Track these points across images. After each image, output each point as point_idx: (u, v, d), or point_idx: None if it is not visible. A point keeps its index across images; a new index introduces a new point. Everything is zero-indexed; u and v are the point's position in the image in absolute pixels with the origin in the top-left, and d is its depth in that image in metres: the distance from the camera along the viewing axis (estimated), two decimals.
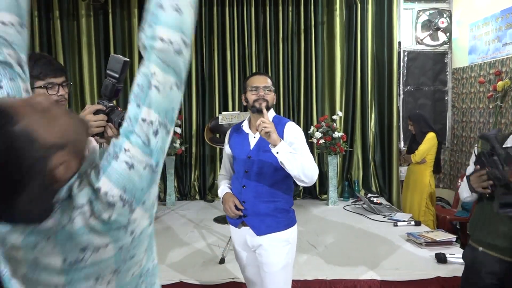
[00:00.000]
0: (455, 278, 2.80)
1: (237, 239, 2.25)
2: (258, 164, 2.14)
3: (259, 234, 2.12)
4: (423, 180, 4.27)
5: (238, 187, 2.19)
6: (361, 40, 5.33)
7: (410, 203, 4.39)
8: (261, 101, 2.13)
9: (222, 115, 3.74)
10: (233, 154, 2.28)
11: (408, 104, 5.42)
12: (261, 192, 2.13)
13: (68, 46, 5.22)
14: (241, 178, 2.18)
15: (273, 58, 5.35)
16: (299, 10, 5.30)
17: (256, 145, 2.17)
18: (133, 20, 5.23)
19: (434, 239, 3.39)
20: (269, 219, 2.12)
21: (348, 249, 3.42)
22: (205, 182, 5.43)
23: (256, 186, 2.14)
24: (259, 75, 2.23)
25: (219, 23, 5.29)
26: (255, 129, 2.12)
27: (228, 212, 2.16)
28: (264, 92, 2.15)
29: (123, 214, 0.85)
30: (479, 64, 4.76)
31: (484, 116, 4.69)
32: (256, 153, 2.16)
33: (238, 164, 2.22)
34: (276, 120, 2.18)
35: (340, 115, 5.10)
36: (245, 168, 2.16)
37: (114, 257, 0.88)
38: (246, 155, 2.18)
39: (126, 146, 0.85)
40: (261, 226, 2.12)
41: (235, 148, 2.25)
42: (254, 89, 2.15)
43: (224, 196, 2.21)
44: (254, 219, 2.14)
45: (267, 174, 2.14)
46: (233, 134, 2.31)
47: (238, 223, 2.20)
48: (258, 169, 2.14)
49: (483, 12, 4.66)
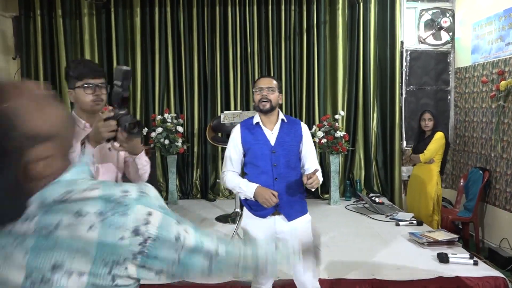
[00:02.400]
0: (457, 278, 2.80)
1: (263, 229, 2.35)
2: (284, 157, 2.37)
3: (290, 219, 2.35)
4: (431, 180, 4.20)
5: (267, 180, 2.35)
6: (364, 39, 5.32)
7: (418, 203, 4.33)
8: (264, 102, 2.36)
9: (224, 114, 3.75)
10: (252, 150, 2.40)
11: (411, 103, 5.41)
12: (291, 182, 2.36)
13: (71, 45, 5.23)
14: (269, 171, 2.35)
15: (276, 58, 5.34)
16: (301, 10, 5.30)
17: (277, 140, 2.39)
18: (136, 19, 5.23)
19: (436, 239, 3.39)
20: (297, 205, 2.39)
21: (350, 249, 3.42)
22: (207, 181, 5.43)
23: (287, 177, 2.36)
24: (264, 78, 2.47)
25: (222, 23, 5.29)
26: (271, 125, 2.41)
27: (268, 203, 2.27)
28: (267, 92, 2.37)
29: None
30: (482, 64, 4.75)
31: (486, 116, 4.68)
32: (280, 147, 2.38)
33: (261, 159, 2.37)
34: (291, 120, 2.49)
35: (342, 115, 5.10)
36: (273, 162, 2.36)
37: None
38: (269, 150, 2.37)
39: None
40: (291, 212, 2.36)
41: (254, 145, 2.39)
42: (259, 90, 2.39)
43: (258, 190, 2.30)
44: (286, 207, 2.35)
45: (293, 165, 2.40)
46: (245, 131, 2.43)
47: (269, 213, 2.35)
48: (286, 162, 2.37)
49: (486, 12, 4.65)
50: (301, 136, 2.45)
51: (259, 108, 2.39)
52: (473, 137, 4.99)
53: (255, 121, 2.43)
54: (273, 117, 2.43)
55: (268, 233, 2.36)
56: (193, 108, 5.38)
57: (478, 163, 4.84)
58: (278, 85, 2.44)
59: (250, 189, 2.33)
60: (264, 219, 2.36)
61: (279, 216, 2.35)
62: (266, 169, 2.35)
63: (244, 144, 2.42)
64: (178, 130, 5.03)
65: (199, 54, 5.31)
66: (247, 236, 2.42)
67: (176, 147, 4.96)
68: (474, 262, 3.01)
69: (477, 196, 4.44)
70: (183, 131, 5.19)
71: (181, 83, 5.37)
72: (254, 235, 2.39)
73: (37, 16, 5.14)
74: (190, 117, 5.40)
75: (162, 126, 4.94)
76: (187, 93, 5.38)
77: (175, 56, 5.33)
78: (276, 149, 2.37)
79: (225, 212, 4.59)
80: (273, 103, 2.39)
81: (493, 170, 4.51)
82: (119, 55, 5.24)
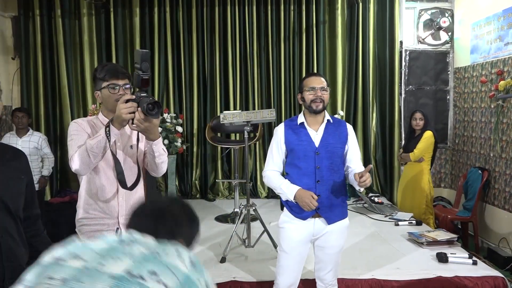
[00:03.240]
0: (456, 278, 2.81)
1: (301, 231, 2.35)
2: (328, 160, 2.32)
3: (330, 223, 2.34)
4: (423, 178, 4.25)
5: (309, 182, 2.31)
6: (363, 39, 5.32)
7: (410, 202, 4.37)
8: (318, 102, 2.30)
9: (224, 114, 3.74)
10: (295, 151, 2.35)
11: (410, 103, 5.41)
12: (334, 185, 2.32)
13: (70, 45, 5.22)
14: (312, 173, 2.31)
15: (275, 58, 5.35)
16: (300, 9, 5.30)
17: (321, 141, 2.34)
18: (135, 19, 5.23)
19: (435, 238, 3.39)
20: (338, 209, 2.36)
21: (349, 249, 3.41)
22: (206, 181, 5.43)
23: (329, 180, 2.32)
24: (316, 76, 2.42)
25: (221, 23, 5.29)
26: (316, 126, 2.36)
27: (308, 207, 2.23)
28: (321, 92, 2.32)
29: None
30: (481, 64, 4.75)
31: (485, 116, 4.69)
32: (324, 149, 2.33)
33: (304, 160, 2.32)
34: (336, 121, 2.43)
35: (341, 114, 5.10)
36: (316, 164, 2.31)
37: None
38: (313, 151, 2.32)
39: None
40: (332, 216, 2.33)
41: (298, 145, 2.34)
42: (312, 89, 2.32)
43: (299, 192, 2.27)
44: (326, 210, 2.32)
45: (337, 168, 2.35)
46: (289, 131, 2.38)
47: (310, 215, 2.32)
48: (329, 165, 2.33)
49: (485, 12, 4.65)
50: (346, 138, 2.39)
51: (312, 108, 2.32)
52: (472, 137, 4.99)
53: (299, 121, 2.38)
54: (319, 118, 2.37)
55: (305, 235, 2.35)
56: (192, 108, 5.38)
57: (477, 162, 4.85)
58: (327, 83, 2.38)
59: (291, 191, 2.29)
60: (304, 221, 2.33)
61: (319, 219, 2.33)
62: (309, 171, 2.31)
63: (287, 143, 2.38)
64: (178, 130, 5.03)
65: (199, 54, 5.31)
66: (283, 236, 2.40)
67: (176, 147, 4.96)
68: (473, 262, 3.02)
69: (476, 196, 4.44)
70: (183, 131, 5.19)
71: (180, 83, 5.36)
72: (289, 235, 2.37)
73: (36, 16, 5.13)
74: (189, 117, 5.40)
75: (161, 126, 4.94)
76: (186, 93, 5.38)
77: (175, 56, 5.33)
78: (320, 151, 2.32)
79: (225, 212, 4.59)
80: (325, 104, 2.34)
81: (492, 169, 4.52)
82: (118, 55, 5.24)
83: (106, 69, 1.88)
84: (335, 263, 2.43)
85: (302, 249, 2.38)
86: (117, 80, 1.86)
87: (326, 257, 2.39)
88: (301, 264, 2.43)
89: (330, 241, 2.35)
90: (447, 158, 5.51)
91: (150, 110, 1.62)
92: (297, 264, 2.40)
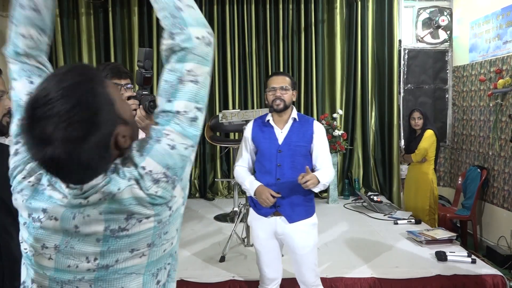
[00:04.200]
0: (455, 276, 2.81)
1: (264, 228, 2.37)
2: (290, 158, 2.31)
3: (291, 222, 2.31)
4: (426, 178, 4.22)
5: (270, 180, 2.32)
6: (362, 38, 5.32)
7: (414, 203, 4.34)
8: (278, 102, 2.32)
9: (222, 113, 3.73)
10: (260, 149, 2.39)
11: (409, 102, 5.42)
12: (295, 184, 2.26)
13: (68, 44, 5.22)
14: (273, 171, 2.32)
15: (274, 56, 5.34)
16: (299, 8, 5.30)
17: (284, 140, 2.34)
18: (133, 18, 5.22)
19: (434, 237, 3.39)
20: (300, 208, 2.33)
21: (348, 248, 3.42)
22: (206, 180, 5.43)
23: (291, 179, 2.29)
24: (277, 76, 2.41)
25: (219, 22, 5.28)
26: (281, 124, 2.37)
27: (265, 203, 2.25)
28: (280, 92, 2.32)
29: (167, 190, 0.94)
30: (480, 62, 4.75)
31: (484, 114, 4.69)
32: (287, 148, 2.32)
33: (267, 158, 2.34)
34: (303, 119, 2.41)
35: (340, 113, 5.10)
36: (277, 162, 2.31)
37: (152, 230, 0.94)
38: (276, 149, 2.33)
39: (167, 132, 0.95)
40: (293, 215, 2.31)
41: (262, 143, 2.37)
42: (272, 90, 2.35)
43: (258, 189, 2.29)
44: (287, 208, 2.31)
45: (300, 167, 2.29)
46: (256, 128, 2.42)
47: (269, 213, 2.33)
48: (291, 163, 2.31)
49: (483, 10, 4.65)
50: (312, 137, 2.36)
51: (273, 108, 2.35)
52: (471, 136, 5.00)
53: (267, 118, 2.41)
54: (285, 116, 2.37)
55: (269, 232, 2.36)
56: None
57: (476, 161, 4.85)
58: (291, 82, 2.38)
59: (253, 188, 2.32)
60: (265, 218, 2.35)
61: (279, 217, 2.32)
62: (270, 168, 2.33)
63: (253, 141, 2.42)
64: None
65: None
66: (252, 234, 2.44)
67: None
68: (472, 260, 3.02)
69: (475, 195, 4.45)
70: None
71: None
72: (256, 233, 2.41)
73: None
74: None
75: None
76: None
77: None
78: (282, 149, 2.32)
79: (224, 211, 4.59)
80: (286, 103, 2.34)
81: (491, 168, 4.52)
82: (116, 54, 5.23)
83: (109, 69, 1.89)
84: (310, 264, 2.38)
85: (272, 245, 2.39)
86: (119, 80, 1.88)
87: (297, 258, 2.37)
88: (277, 260, 2.43)
89: (296, 241, 2.32)
90: (446, 156, 5.52)
91: (152, 108, 1.63)
92: (272, 260, 2.41)
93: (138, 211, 0.91)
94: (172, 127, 0.96)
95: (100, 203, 0.90)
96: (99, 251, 0.92)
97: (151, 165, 0.92)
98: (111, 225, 0.91)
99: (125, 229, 0.91)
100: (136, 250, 0.93)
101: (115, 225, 0.91)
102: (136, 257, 0.94)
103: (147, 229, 0.93)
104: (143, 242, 0.94)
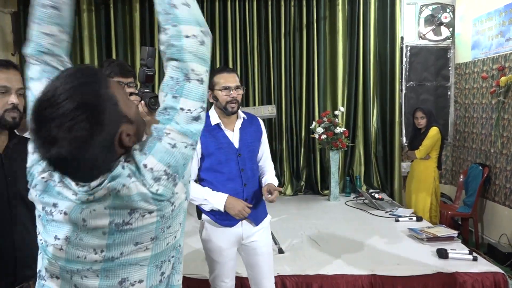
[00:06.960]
0: (456, 274, 2.81)
1: (227, 238, 2.19)
2: (250, 160, 2.20)
3: (257, 224, 2.22)
4: (429, 176, 4.21)
5: (236, 187, 2.14)
6: (364, 35, 5.30)
7: (415, 200, 4.34)
8: (234, 104, 2.11)
9: None
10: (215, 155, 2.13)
11: (411, 99, 5.40)
12: (258, 186, 2.21)
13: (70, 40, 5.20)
14: (237, 177, 2.14)
15: (275, 53, 5.33)
16: (301, 5, 5.28)
17: (240, 141, 2.17)
18: (135, 15, 5.21)
19: (435, 234, 3.39)
20: (261, 207, 2.26)
21: (350, 245, 3.42)
22: None
23: (254, 181, 2.22)
24: (229, 73, 2.14)
25: (221, 18, 5.26)
26: (231, 125, 2.18)
27: (241, 215, 2.10)
28: (236, 92, 2.11)
29: (168, 187, 0.97)
30: (482, 60, 4.74)
31: (486, 112, 4.68)
32: (246, 150, 2.17)
33: (227, 164, 2.13)
34: (249, 116, 2.26)
35: (342, 111, 5.09)
36: (240, 167, 2.15)
37: (155, 224, 0.98)
38: (235, 153, 2.14)
39: (167, 130, 0.98)
40: (258, 216, 2.23)
41: (218, 149, 2.12)
42: (226, 89, 2.10)
43: (229, 201, 2.09)
44: (253, 211, 2.18)
45: (256, 167, 2.25)
46: (205, 134, 2.10)
47: (239, 221, 2.17)
48: (251, 165, 2.20)
49: (486, 7, 4.63)
50: (261, 134, 2.25)
51: (228, 111, 2.10)
52: (473, 133, 4.98)
53: (214, 121, 2.14)
54: (233, 116, 2.17)
55: (233, 241, 2.19)
56: None
57: (477, 159, 4.84)
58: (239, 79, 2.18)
59: (219, 201, 2.08)
60: (230, 228, 2.16)
61: (245, 221, 2.18)
62: (234, 175, 2.12)
63: (204, 148, 2.12)
64: None
65: None
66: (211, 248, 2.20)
67: None
68: (473, 258, 3.02)
69: (477, 192, 4.44)
70: None
71: None
72: (217, 246, 2.18)
73: None
74: None
75: None
76: None
77: None
78: (241, 152, 2.14)
79: None
80: (239, 104, 2.14)
81: (493, 166, 4.51)
82: (118, 51, 5.22)
83: (114, 66, 1.90)
84: (271, 264, 2.29)
85: (232, 254, 2.22)
86: (122, 77, 1.88)
87: (259, 259, 2.23)
88: (235, 267, 2.29)
89: (260, 240, 2.22)
90: (447, 154, 5.50)
91: (153, 104, 1.64)
92: (231, 269, 2.26)
93: (141, 206, 0.94)
94: (172, 125, 0.98)
95: (106, 198, 0.94)
96: (105, 243, 0.97)
97: (153, 163, 0.95)
98: (116, 219, 0.95)
99: (129, 223, 0.95)
100: (140, 244, 0.98)
101: (119, 219, 0.95)
102: (140, 250, 0.99)
103: (150, 224, 0.97)
104: (147, 235, 0.98)
